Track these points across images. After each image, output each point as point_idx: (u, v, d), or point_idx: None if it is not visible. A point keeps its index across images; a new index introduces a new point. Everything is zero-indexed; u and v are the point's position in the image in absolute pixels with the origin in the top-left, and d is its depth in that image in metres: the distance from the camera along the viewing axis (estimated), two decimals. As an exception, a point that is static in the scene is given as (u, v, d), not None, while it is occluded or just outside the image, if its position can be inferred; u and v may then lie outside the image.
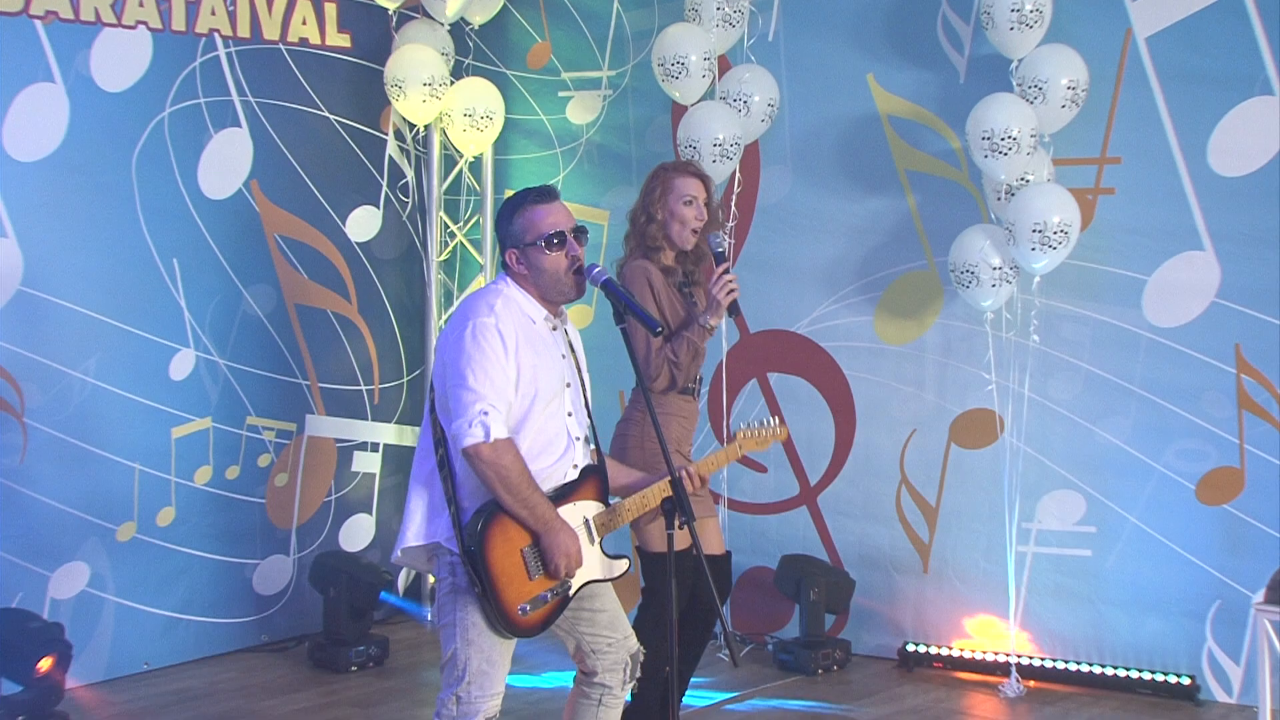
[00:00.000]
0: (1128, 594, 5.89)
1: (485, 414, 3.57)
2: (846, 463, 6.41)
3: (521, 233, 3.69)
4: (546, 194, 3.75)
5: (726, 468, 6.35)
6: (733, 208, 6.26)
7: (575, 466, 3.81)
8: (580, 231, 3.76)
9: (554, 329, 3.77)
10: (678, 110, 6.26)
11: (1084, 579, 5.96)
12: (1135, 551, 5.87)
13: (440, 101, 6.43)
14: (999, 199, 5.68)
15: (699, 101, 6.00)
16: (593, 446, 3.88)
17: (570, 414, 3.79)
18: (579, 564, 3.74)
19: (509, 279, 3.77)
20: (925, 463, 6.24)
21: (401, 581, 6.75)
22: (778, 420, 4.34)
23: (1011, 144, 5.42)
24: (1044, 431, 5.94)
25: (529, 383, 3.68)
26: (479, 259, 6.96)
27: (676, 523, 3.72)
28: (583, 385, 3.86)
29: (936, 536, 6.22)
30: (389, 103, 6.62)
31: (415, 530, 3.76)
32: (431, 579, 3.76)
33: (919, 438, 6.25)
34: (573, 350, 3.86)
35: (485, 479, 3.59)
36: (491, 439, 3.56)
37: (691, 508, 3.74)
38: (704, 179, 4.78)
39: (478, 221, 6.97)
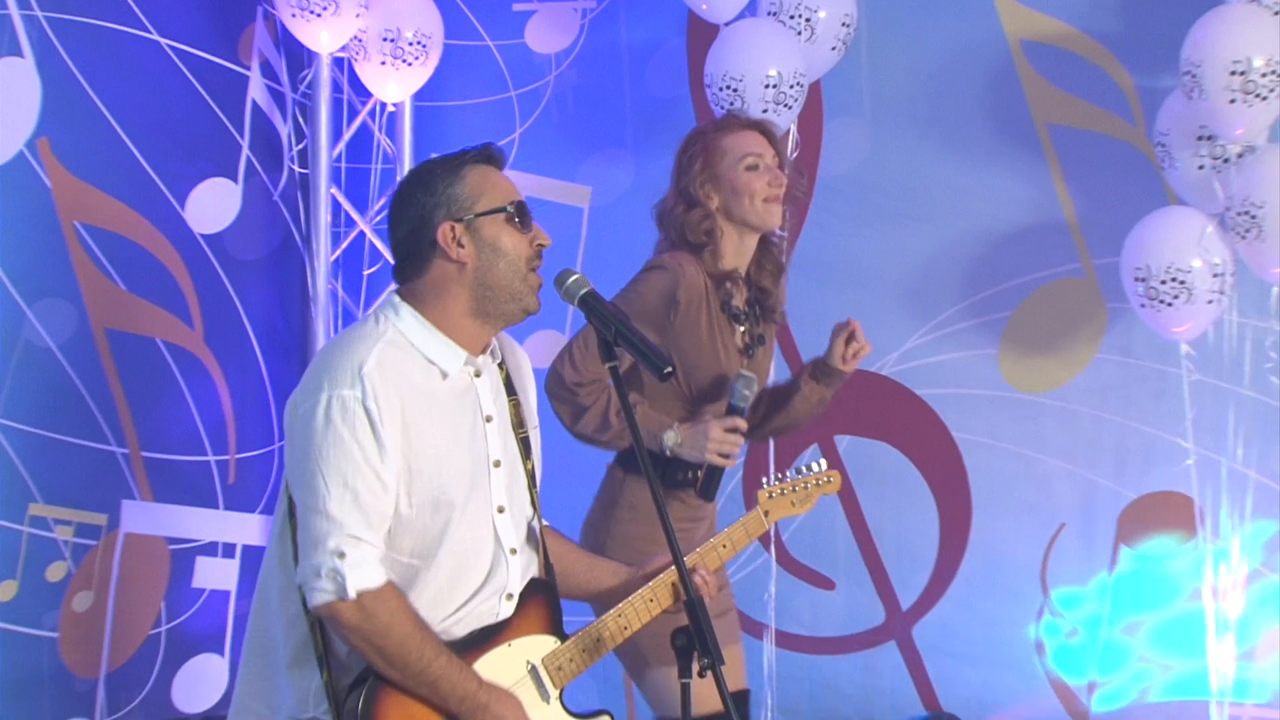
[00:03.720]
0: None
1: (341, 554, 3.50)
2: (958, 574, 6.38)
3: (470, 196, 3.68)
4: (496, 153, 3.76)
5: (774, 584, 6.29)
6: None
7: (509, 597, 3.76)
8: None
9: (476, 374, 3.73)
10: (699, 32, 6.27)
11: (1333, 757, 5.94)
12: None
13: (358, 21, 6.43)
14: (1201, 168, 5.62)
15: (737, 19, 5.97)
16: (537, 543, 3.87)
17: (501, 509, 3.74)
18: None
19: (402, 307, 3.69)
20: (1081, 574, 6.22)
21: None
22: (823, 464, 4.38)
23: (1276, 83, 5.32)
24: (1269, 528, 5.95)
25: (428, 486, 3.63)
26: (393, 259, 6.56)
27: (696, 667, 3.62)
28: (524, 451, 3.83)
29: (1101, 689, 6.18)
30: (251, 21, 6.57)
31: (257, 706, 3.73)
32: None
33: (1071, 536, 6.22)
34: (509, 394, 3.83)
35: (354, 648, 3.58)
36: (353, 593, 3.50)
37: (717, 640, 3.64)
38: (764, 130, 4.85)
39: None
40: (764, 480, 4.32)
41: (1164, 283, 5.50)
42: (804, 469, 4.36)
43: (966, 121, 6.25)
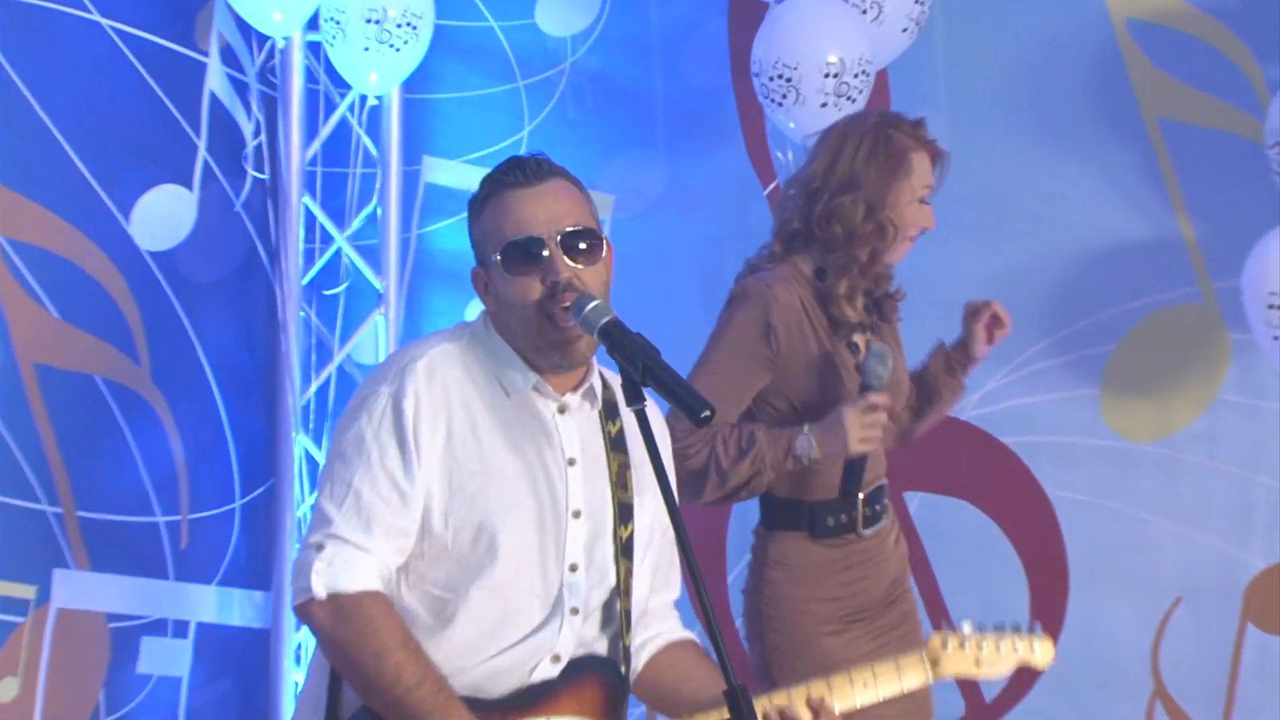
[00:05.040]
0: None
1: (320, 547, 3.60)
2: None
3: (482, 238, 3.78)
4: (526, 172, 3.78)
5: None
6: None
7: (556, 659, 3.74)
8: (575, 237, 3.74)
9: (561, 411, 3.76)
10: (743, 11, 6.27)
11: None
12: None
13: (325, -4, 6.50)
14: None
15: None
16: (616, 625, 3.87)
17: (574, 567, 3.75)
18: None
19: (488, 320, 3.83)
20: (1200, 659, 6.15)
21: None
22: (1037, 627, 4.24)
23: None
24: None
25: (469, 509, 3.67)
26: (376, 283, 6.83)
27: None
28: (620, 514, 3.82)
29: (1224, 799, 6.14)
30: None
31: None
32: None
33: (1188, 614, 6.15)
34: (614, 449, 3.86)
35: (330, 660, 3.71)
36: (323, 592, 3.59)
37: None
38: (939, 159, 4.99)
39: (375, 212, 6.85)
40: (946, 627, 4.16)
41: (1304, 313, 5.57)
42: (1006, 626, 4.17)
43: (1062, 116, 6.21)
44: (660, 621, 3.99)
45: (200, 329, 6.62)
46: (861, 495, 4.83)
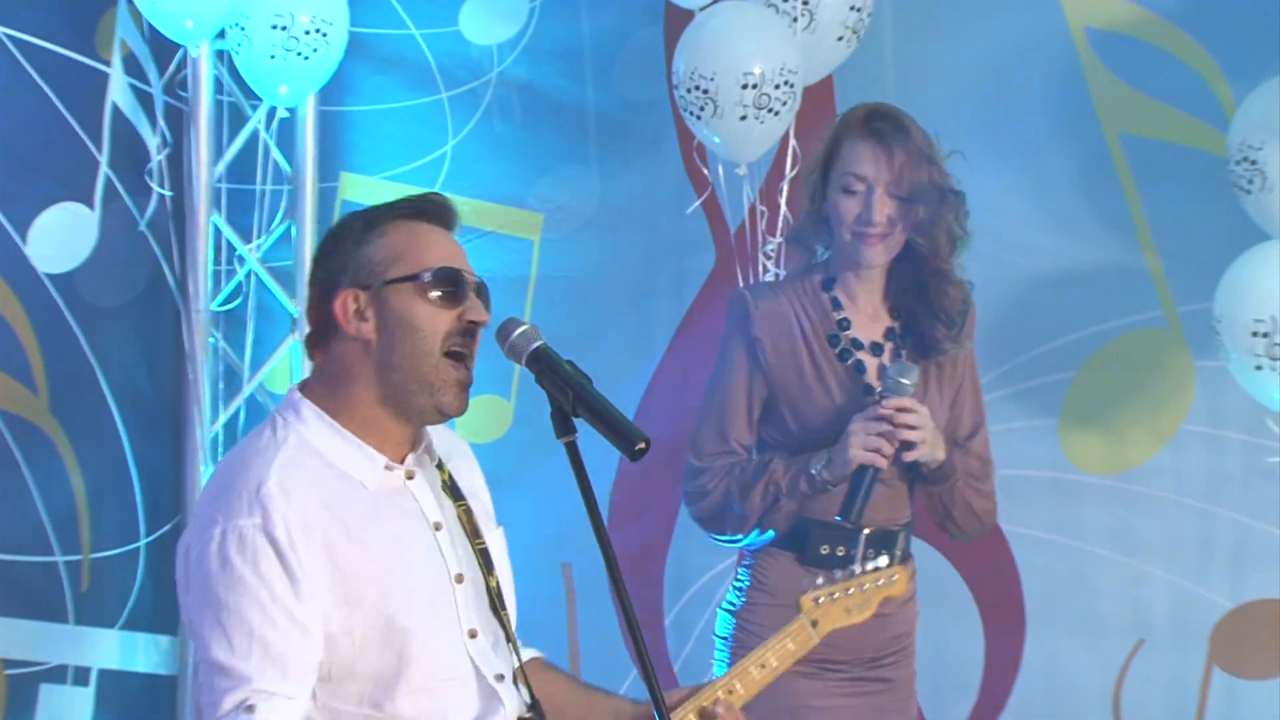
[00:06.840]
0: None
1: (250, 708, 3.47)
2: (1008, 704, 6.31)
3: (385, 260, 3.69)
4: (436, 208, 3.77)
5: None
6: (782, 208, 6.13)
7: None
8: (487, 295, 3.77)
9: (410, 478, 3.74)
10: (678, 20, 6.17)
11: None
12: None
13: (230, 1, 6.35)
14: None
15: (715, 1, 5.96)
16: (517, 664, 3.82)
17: (474, 633, 3.71)
18: None
19: (303, 406, 3.70)
20: (1165, 704, 6.20)
21: None
22: (884, 561, 4.45)
23: None
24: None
25: (373, 617, 3.61)
26: (291, 307, 6.78)
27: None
28: (484, 565, 3.80)
29: None
30: (113, 4, 6.49)
31: None
32: None
33: (1150, 657, 6.19)
34: (455, 499, 3.82)
35: None
36: None
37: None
38: (890, 144, 4.84)
39: (288, 232, 6.84)
40: (810, 584, 4.31)
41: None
42: (858, 567, 4.36)
43: (1017, 130, 6.23)
44: None
45: (102, 356, 6.57)
46: (866, 531, 4.78)
